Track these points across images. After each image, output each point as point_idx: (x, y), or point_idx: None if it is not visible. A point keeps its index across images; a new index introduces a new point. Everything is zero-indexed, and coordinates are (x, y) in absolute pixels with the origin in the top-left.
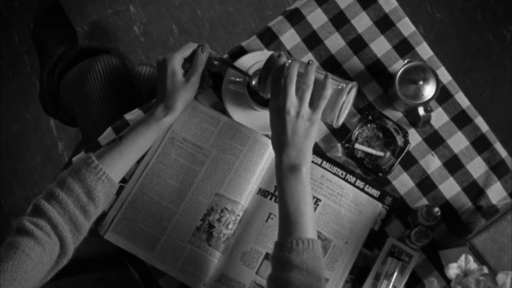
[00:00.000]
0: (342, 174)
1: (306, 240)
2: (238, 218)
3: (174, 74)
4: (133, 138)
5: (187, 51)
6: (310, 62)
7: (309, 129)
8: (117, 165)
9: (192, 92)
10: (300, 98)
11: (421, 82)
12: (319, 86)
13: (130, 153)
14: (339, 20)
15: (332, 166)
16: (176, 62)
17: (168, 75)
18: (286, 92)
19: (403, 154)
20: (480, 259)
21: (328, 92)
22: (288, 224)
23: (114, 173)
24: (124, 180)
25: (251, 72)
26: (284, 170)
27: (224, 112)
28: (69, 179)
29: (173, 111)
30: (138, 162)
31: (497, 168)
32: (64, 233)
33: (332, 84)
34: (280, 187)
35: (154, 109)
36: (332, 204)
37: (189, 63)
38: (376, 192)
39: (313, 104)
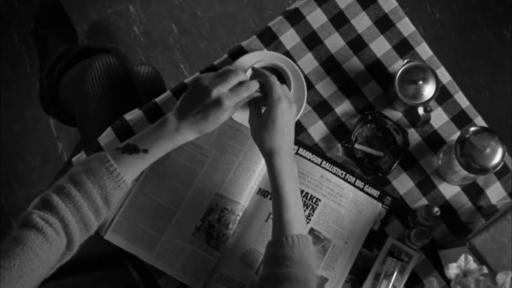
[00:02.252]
0: (341, 174)
1: (295, 236)
2: (238, 218)
3: (224, 117)
4: (158, 154)
5: (244, 95)
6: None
7: None
8: (135, 175)
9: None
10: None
11: (420, 82)
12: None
13: (149, 165)
14: (339, 20)
15: (331, 166)
16: (231, 107)
17: (217, 116)
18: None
19: (403, 154)
20: (480, 259)
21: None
22: (281, 223)
23: (130, 180)
24: None
25: (249, 72)
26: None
27: None
28: (88, 182)
29: (201, 135)
30: None
31: None
32: (74, 232)
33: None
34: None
35: (184, 130)
36: (332, 204)
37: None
38: (375, 192)
39: None
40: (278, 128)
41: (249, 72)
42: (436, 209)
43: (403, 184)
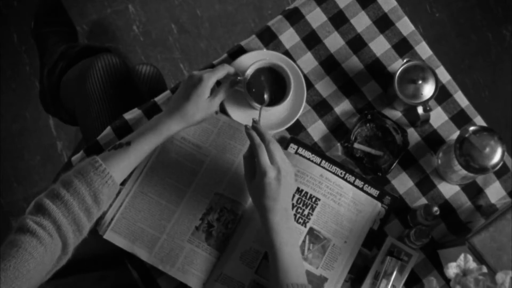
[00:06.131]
0: (341, 173)
1: (291, 285)
2: (237, 217)
3: (204, 95)
4: (142, 145)
5: (221, 73)
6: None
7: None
8: (122, 170)
9: (210, 114)
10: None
11: (420, 82)
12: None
13: (137, 159)
14: (339, 20)
15: (331, 165)
16: (210, 85)
17: (197, 94)
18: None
19: (402, 153)
20: (479, 258)
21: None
22: (284, 271)
23: (118, 177)
24: (123, 181)
25: (249, 72)
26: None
27: (224, 111)
28: (76, 181)
29: (187, 125)
30: None
31: None
32: (67, 234)
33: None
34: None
35: (167, 118)
36: (331, 203)
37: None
38: (375, 192)
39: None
40: (266, 195)
41: (249, 71)
42: (435, 208)
43: (403, 183)
